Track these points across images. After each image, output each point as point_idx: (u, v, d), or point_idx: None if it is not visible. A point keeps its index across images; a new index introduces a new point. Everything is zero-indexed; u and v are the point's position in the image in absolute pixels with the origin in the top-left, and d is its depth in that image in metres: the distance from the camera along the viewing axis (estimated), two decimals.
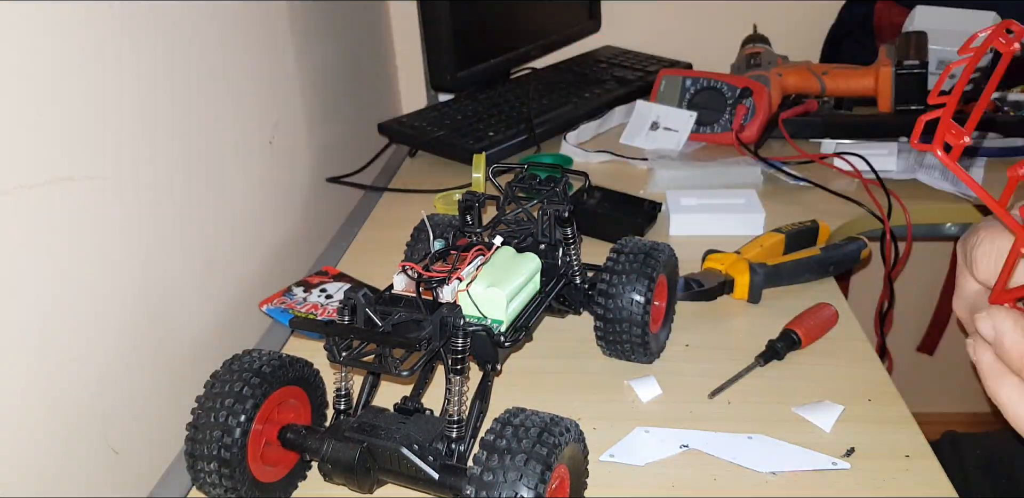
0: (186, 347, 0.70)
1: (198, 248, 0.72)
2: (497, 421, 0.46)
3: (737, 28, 1.35)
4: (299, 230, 0.96)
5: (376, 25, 1.33)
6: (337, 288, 0.78)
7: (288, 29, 0.93)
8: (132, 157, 0.61)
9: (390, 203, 1.04)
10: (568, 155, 1.12)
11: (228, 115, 0.78)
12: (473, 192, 0.62)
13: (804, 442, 0.57)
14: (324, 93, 1.05)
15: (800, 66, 1.19)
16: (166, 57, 0.66)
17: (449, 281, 0.52)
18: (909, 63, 1.11)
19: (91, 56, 0.56)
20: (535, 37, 1.29)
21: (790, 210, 0.93)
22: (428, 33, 1.08)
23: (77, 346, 0.55)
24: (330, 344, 0.50)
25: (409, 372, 0.48)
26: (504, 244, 0.59)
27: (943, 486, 0.53)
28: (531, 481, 0.42)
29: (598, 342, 0.66)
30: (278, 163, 0.90)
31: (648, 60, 1.40)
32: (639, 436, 0.59)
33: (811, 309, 0.71)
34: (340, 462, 0.49)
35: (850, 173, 1.02)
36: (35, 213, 0.51)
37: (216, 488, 0.50)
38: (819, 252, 0.79)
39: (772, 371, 0.66)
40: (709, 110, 1.15)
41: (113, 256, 0.59)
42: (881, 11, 1.32)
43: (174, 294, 0.68)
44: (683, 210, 0.90)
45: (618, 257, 0.64)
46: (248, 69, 0.83)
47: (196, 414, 0.49)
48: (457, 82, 1.12)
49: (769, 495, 0.53)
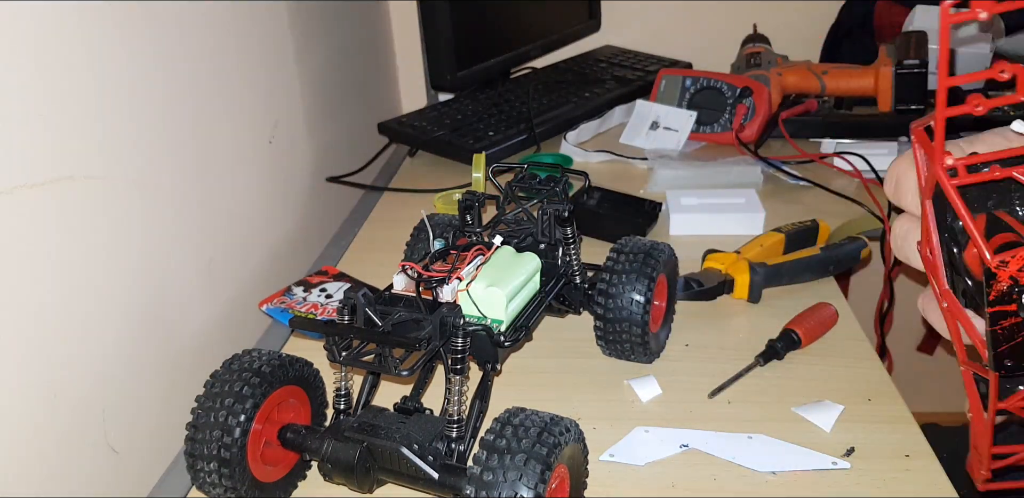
0: (186, 347, 0.70)
1: (198, 248, 0.72)
2: (497, 421, 0.46)
3: (737, 28, 1.35)
4: (299, 230, 0.96)
5: (376, 25, 1.33)
6: (337, 288, 0.78)
7: (288, 29, 0.93)
8: (132, 157, 0.61)
9: (390, 203, 1.04)
10: (568, 155, 1.12)
11: (228, 115, 0.78)
12: (473, 192, 0.62)
13: (804, 442, 0.57)
14: (324, 93, 1.05)
15: (800, 66, 1.19)
16: (166, 57, 0.66)
17: (449, 281, 0.52)
18: (909, 63, 1.11)
19: (91, 56, 0.56)
20: (535, 37, 1.29)
21: (790, 210, 0.93)
22: (428, 33, 1.08)
23: (77, 346, 0.55)
24: (330, 344, 0.50)
25: (409, 372, 0.48)
26: (504, 244, 0.59)
27: (943, 486, 0.53)
28: (531, 481, 0.42)
29: (598, 342, 0.66)
30: (278, 163, 0.90)
31: (648, 60, 1.40)
32: (639, 436, 0.59)
33: (811, 309, 0.71)
34: (340, 462, 0.49)
35: (850, 173, 1.02)
36: (35, 213, 0.51)
37: (216, 488, 0.50)
38: (819, 252, 0.79)
39: (772, 371, 0.66)
40: (709, 110, 1.15)
41: (113, 256, 0.59)
42: (881, 11, 1.32)
43: (174, 294, 0.68)
44: (683, 210, 0.90)
45: (618, 257, 0.64)
46: (248, 69, 0.83)
47: (196, 414, 0.49)
48: (457, 82, 1.12)
49: (769, 495, 0.53)
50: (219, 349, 0.74)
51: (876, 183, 0.97)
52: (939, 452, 0.56)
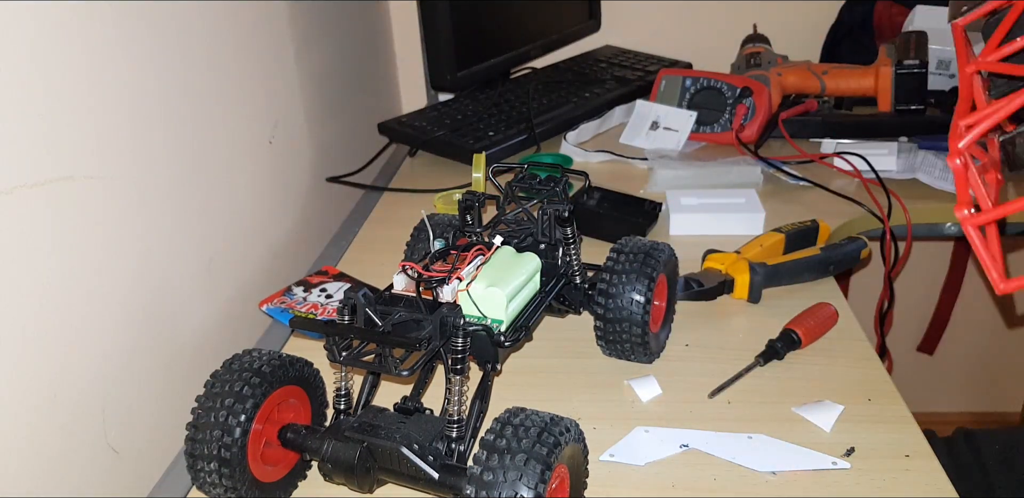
0: (186, 347, 0.70)
1: (198, 248, 0.72)
2: (497, 421, 0.46)
3: (737, 28, 1.35)
4: (299, 230, 0.96)
5: (376, 25, 1.33)
6: (337, 288, 0.78)
7: (288, 29, 0.93)
8: (132, 157, 0.61)
9: (390, 203, 1.04)
10: (568, 155, 1.12)
11: (228, 115, 0.78)
12: (473, 192, 0.62)
13: (804, 442, 0.57)
14: (324, 93, 1.05)
15: (800, 66, 1.19)
16: (166, 57, 0.66)
17: (449, 281, 0.52)
18: (909, 63, 1.11)
19: (91, 56, 0.56)
20: (535, 37, 1.29)
21: (790, 210, 0.93)
22: (428, 33, 1.08)
23: (77, 346, 0.55)
24: (330, 344, 0.50)
25: (409, 372, 0.48)
26: (504, 244, 0.59)
27: (943, 486, 0.53)
28: (531, 481, 0.42)
29: (598, 342, 0.66)
30: (278, 163, 0.90)
31: (648, 60, 1.40)
32: (639, 436, 0.59)
33: (811, 309, 0.71)
34: (340, 462, 0.49)
35: (850, 173, 1.02)
36: (35, 213, 0.51)
37: (216, 488, 0.50)
38: (819, 252, 0.79)
39: (772, 371, 0.66)
40: (709, 110, 1.15)
41: (113, 256, 0.59)
42: (881, 11, 1.32)
43: (174, 294, 0.68)
44: (683, 210, 0.90)
45: (618, 257, 0.64)
46: (248, 69, 0.83)
47: (196, 414, 0.49)
48: (457, 82, 1.12)
49: (769, 495, 0.53)
50: (219, 349, 0.74)
51: (876, 183, 0.97)
52: (981, 454, 0.56)
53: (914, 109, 1.12)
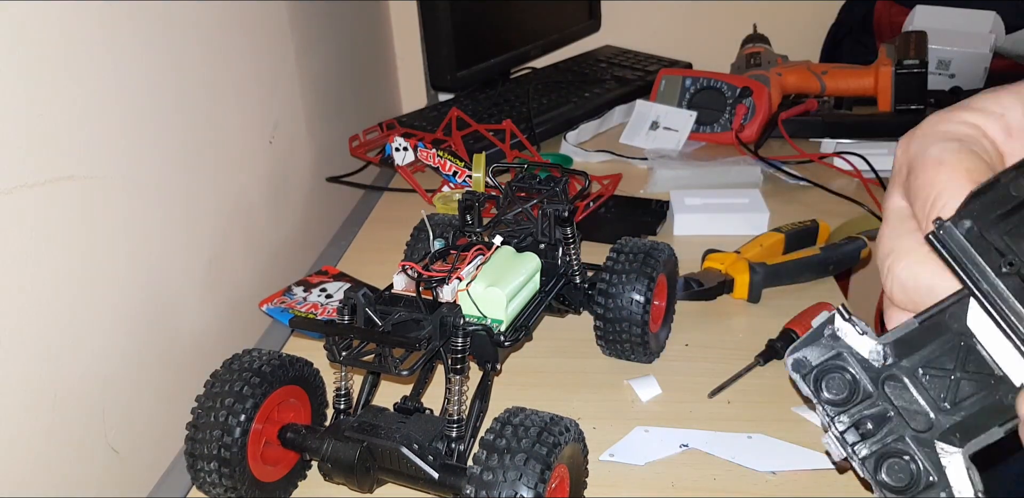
0: (186, 346, 0.70)
1: (198, 248, 0.72)
2: (497, 420, 0.46)
3: (737, 28, 1.35)
4: (299, 230, 0.96)
5: (376, 25, 1.33)
6: (337, 288, 0.78)
7: (288, 29, 0.93)
8: (132, 157, 0.61)
9: (390, 203, 1.04)
10: (568, 155, 1.12)
11: (228, 115, 0.78)
12: (473, 192, 0.62)
13: (804, 442, 0.57)
14: (324, 93, 1.05)
15: (800, 66, 1.19)
16: (166, 57, 0.66)
17: (449, 281, 0.52)
18: (909, 63, 1.11)
19: (91, 56, 0.56)
20: (535, 37, 1.29)
21: (790, 210, 0.93)
22: (428, 33, 1.08)
23: (77, 346, 0.55)
24: (330, 344, 0.50)
25: (409, 372, 0.48)
26: (504, 244, 0.59)
27: None
28: (531, 480, 0.42)
29: (598, 342, 0.66)
30: (278, 163, 0.90)
31: (648, 60, 1.40)
32: (639, 436, 0.59)
33: (811, 308, 0.71)
34: (340, 462, 0.49)
35: (850, 173, 1.02)
36: (35, 213, 0.51)
37: (216, 488, 0.50)
38: (819, 252, 0.79)
39: (772, 371, 0.66)
40: (709, 110, 1.15)
41: (113, 256, 0.59)
42: (881, 11, 1.32)
43: (174, 293, 0.68)
44: (687, 210, 0.90)
45: (618, 257, 0.64)
46: (248, 69, 0.83)
47: (196, 414, 0.49)
48: (457, 82, 1.12)
49: (769, 495, 0.53)
50: (219, 349, 0.74)
51: (876, 183, 0.97)
52: None
53: (914, 109, 1.12)
